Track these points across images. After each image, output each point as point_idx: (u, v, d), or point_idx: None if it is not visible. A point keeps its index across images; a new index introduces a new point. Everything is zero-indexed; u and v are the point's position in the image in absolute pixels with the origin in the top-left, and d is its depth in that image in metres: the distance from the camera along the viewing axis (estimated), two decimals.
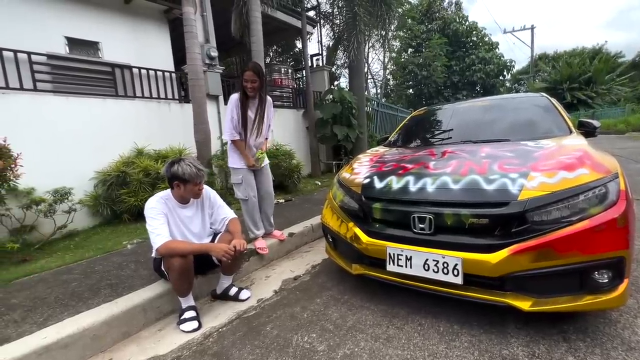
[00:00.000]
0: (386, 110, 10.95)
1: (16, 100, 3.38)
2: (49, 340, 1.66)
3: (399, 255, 1.80)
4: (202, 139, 4.34)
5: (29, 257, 2.93)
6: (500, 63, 21.31)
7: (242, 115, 2.62)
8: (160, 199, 2.05)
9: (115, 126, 4.12)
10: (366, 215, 2.04)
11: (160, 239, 1.88)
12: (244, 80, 2.55)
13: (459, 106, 3.35)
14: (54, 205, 3.28)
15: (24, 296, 2.19)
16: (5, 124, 3.25)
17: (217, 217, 2.29)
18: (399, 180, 2.01)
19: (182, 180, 1.98)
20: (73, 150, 3.75)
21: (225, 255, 1.92)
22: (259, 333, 1.88)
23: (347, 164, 2.81)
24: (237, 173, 2.73)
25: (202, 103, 4.31)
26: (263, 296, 2.33)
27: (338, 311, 2.04)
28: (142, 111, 4.42)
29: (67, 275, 2.52)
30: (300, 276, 2.64)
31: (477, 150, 2.20)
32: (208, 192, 2.27)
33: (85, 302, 2.04)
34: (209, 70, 5.01)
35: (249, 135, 2.69)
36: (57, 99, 3.69)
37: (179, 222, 2.11)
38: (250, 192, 2.75)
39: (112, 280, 2.34)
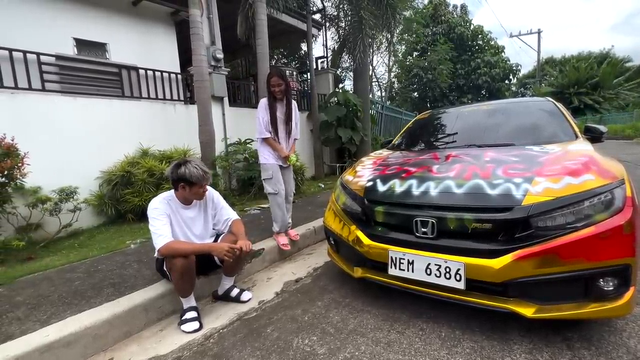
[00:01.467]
0: (390, 113, 10.94)
1: (25, 100, 3.43)
2: (51, 338, 1.67)
3: (400, 259, 1.79)
4: (206, 140, 4.37)
5: (34, 255, 2.96)
6: (506, 67, 21.21)
7: (272, 116, 2.82)
8: (163, 200, 2.06)
9: (120, 126, 4.16)
10: (368, 219, 2.03)
11: (162, 240, 1.89)
12: (270, 86, 2.79)
13: (464, 110, 3.33)
14: (60, 204, 3.32)
15: (28, 294, 2.21)
16: (14, 124, 3.30)
17: (220, 218, 2.30)
18: (402, 183, 2.01)
19: (188, 183, 1.99)
20: (79, 149, 3.79)
21: (227, 254, 1.92)
22: (259, 335, 1.87)
23: (351, 167, 2.81)
24: (268, 169, 2.91)
25: (207, 104, 4.34)
26: (264, 298, 2.33)
27: (339, 314, 2.03)
28: (147, 112, 4.47)
29: (70, 273, 2.54)
30: (301, 278, 2.63)
31: (481, 154, 2.18)
32: (211, 193, 2.28)
33: (88, 300, 2.05)
34: (214, 72, 5.05)
35: (279, 135, 2.90)
36: (64, 99, 3.74)
37: (181, 223, 2.12)
38: (279, 187, 2.93)
39: (114, 280, 2.36)
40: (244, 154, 5.13)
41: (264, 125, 2.85)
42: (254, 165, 5.02)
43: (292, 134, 3.04)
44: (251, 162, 5.16)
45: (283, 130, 2.96)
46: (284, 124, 2.95)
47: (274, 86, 2.79)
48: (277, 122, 2.88)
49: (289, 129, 2.98)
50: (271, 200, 3.01)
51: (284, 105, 2.92)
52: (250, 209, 4.43)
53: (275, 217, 3.02)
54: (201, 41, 4.19)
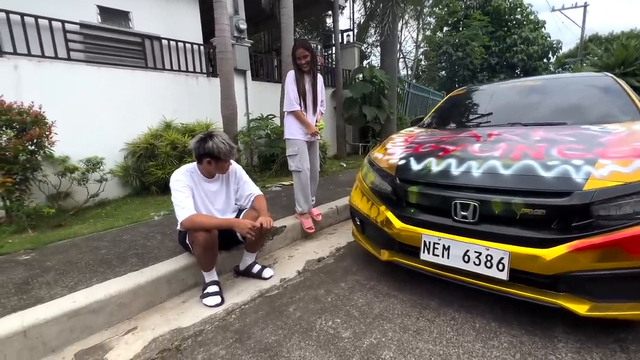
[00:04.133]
0: (417, 92, 10.42)
1: (50, 69, 3.43)
2: (79, 304, 1.68)
3: (435, 244, 1.66)
4: (229, 114, 4.28)
5: (64, 222, 3.04)
6: (545, 44, 19.58)
7: (299, 89, 2.72)
8: (186, 172, 2.00)
9: (144, 98, 4.14)
10: (400, 199, 1.89)
11: (185, 212, 1.84)
12: (297, 58, 2.68)
13: (504, 86, 3.05)
14: (87, 173, 3.37)
15: (57, 260, 2.25)
16: (40, 93, 3.32)
17: (242, 193, 2.23)
18: (439, 162, 1.84)
19: (215, 158, 1.92)
20: (104, 120, 3.81)
21: (249, 232, 1.86)
22: (281, 313, 1.82)
23: (379, 144, 2.64)
24: (293, 144, 2.80)
25: (229, 77, 4.22)
26: (286, 276, 2.28)
27: (364, 297, 1.95)
28: (170, 84, 4.41)
29: (97, 242, 2.58)
30: (324, 258, 2.56)
31: (529, 133, 1.96)
32: (234, 167, 2.20)
33: (113, 269, 2.07)
34: (237, 43, 4.88)
35: (307, 109, 2.81)
36: (89, 68, 3.72)
37: (203, 197, 2.07)
38: (304, 164, 2.82)
39: (138, 250, 2.37)
40: (266, 130, 5.03)
41: (294, 97, 2.73)
42: (276, 142, 4.92)
43: (318, 108, 2.93)
44: (273, 139, 5.06)
45: (310, 104, 2.85)
46: (312, 98, 2.85)
47: (299, 58, 2.68)
48: (305, 95, 2.79)
49: (315, 103, 2.88)
50: (295, 178, 2.92)
51: (311, 77, 2.82)
52: (272, 186, 4.37)
53: (298, 196, 2.93)
54: (224, 9, 4.01)
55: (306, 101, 2.81)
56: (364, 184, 2.25)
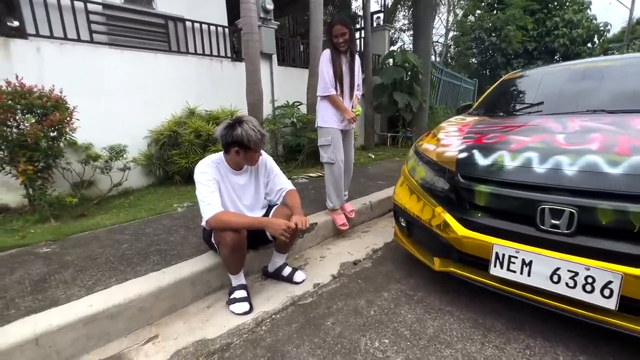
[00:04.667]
0: (449, 79, 9.77)
1: (73, 52, 3.29)
2: (95, 309, 1.51)
3: (511, 257, 1.34)
4: (254, 100, 4.04)
5: (87, 212, 2.93)
6: (590, 27, 17.96)
7: (335, 71, 2.45)
8: (212, 163, 1.77)
9: (167, 83, 3.96)
10: (461, 200, 1.58)
11: (211, 209, 1.61)
12: (333, 37, 2.42)
13: (570, 67, 2.61)
14: (110, 162, 3.24)
15: (77, 254, 2.12)
16: (62, 76, 3.19)
17: (273, 187, 1.99)
18: (514, 156, 1.50)
19: (244, 147, 1.68)
20: (127, 106, 3.66)
21: (283, 233, 1.61)
22: (318, 328, 1.58)
23: (427, 134, 2.31)
24: (327, 133, 2.54)
25: (255, 61, 3.96)
26: (320, 281, 2.04)
27: (412, 312, 1.68)
28: (194, 68, 4.20)
29: (119, 235, 2.44)
30: (360, 261, 2.30)
31: (627, 122, 1.58)
32: (264, 158, 1.96)
33: (134, 267, 1.90)
34: (263, 25, 4.59)
35: (343, 93, 2.55)
36: (112, 51, 3.56)
37: (230, 191, 1.84)
38: (338, 156, 2.56)
39: (161, 246, 2.20)
40: (292, 118, 4.77)
41: (329, 79, 2.44)
42: (302, 131, 4.65)
43: (355, 92, 2.64)
44: (299, 128, 4.80)
45: (347, 88, 2.56)
46: (348, 80, 2.56)
47: (337, 36, 2.40)
48: (342, 78, 2.49)
49: (352, 86, 2.59)
50: (327, 171, 2.65)
51: (348, 58, 2.53)
52: (298, 177, 4.13)
53: (330, 190, 2.67)
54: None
55: (342, 84, 2.52)
56: (412, 180, 1.94)
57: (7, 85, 2.33)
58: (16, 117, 2.37)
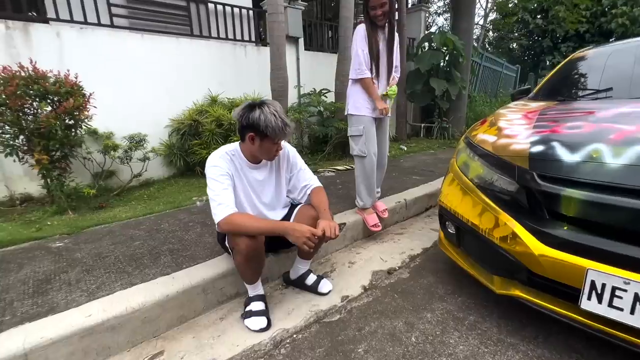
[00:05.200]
0: (490, 65, 8.95)
1: (93, 37, 3.16)
2: (94, 319, 1.33)
3: (616, 290, 0.98)
4: (279, 87, 3.77)
5: (105, 203, 2.83)
6: None
7: (371, 49, 2.11)
8: (225, 155, 1.51)
9: (189, 69, 3.78)
10: (537, 206, 1.22)
11: (223, 210, 1.36)
12: (370, 8, 2.07)
13: None
14: (129, 152, 3.12)
15: (88, 250, 1.98)
16: (82, 62, 3.08)
17: (296, 184, 1.71)
18: (617, 151, 1.11)
19: (260, 134, 1.40)
20: (148, 94, 3.52)
21: (306, 242, 1.34)
22: (347, 356, 1.31)
23: (482, 123, 1.92)
24: (359, 122, 2.22)
25: (280, 44, 3.67)
26: (349, 293, 1.76)
27: (465, 342, 1.35)
28: (216, 53, 3.99)
29: (133, 230, 2.29)
30: (395, 269, 1.99)
31: None
32: (286, 150, 1.68)
33: (142, 270, 1.71)
34: (289, 6, 4.28)
35: (380, 75, 2.22)
36: (133, 36, 3.41)
37: (247, 187, 1.58)
38: (370, 148, 2.25)
39: (174, 245, 2.01)
40: (319, 107, 4.45)
41: (364, 59, 2.11)
42: (330, 121, 4.33)
43: (393, 74, 2.28)
44: (326, 117, 4.48)
45: (384, 69, 2.22)
46: (386, 61, 2.21)
47: (374, 7, 2.06)
48: (379, 57, 2.15)
49: (390, 68, 2.24)
50: (358, 165, 2.34)
51: (386, 35, 2.18)
52: (324, 170, 3.84)
53: (360, 187, 2.36)
54: None
55: (379, 65, 2.18)
56: (464, 179, 1.59)
57: (20, 69, 2.21)
58: (32, 104, 2.25)
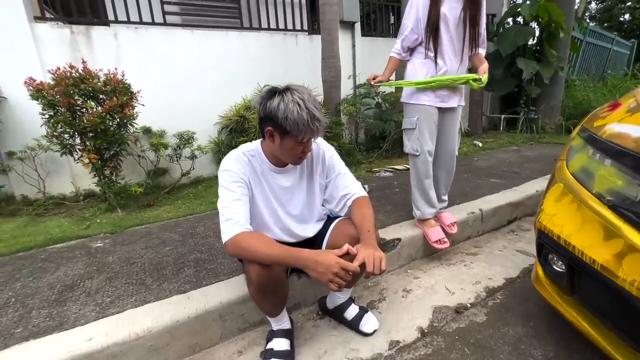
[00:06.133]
0: (595, 41, 7.24)
1: (147, 35, 3.20)
2: (93, 345, 1.17)
3: None
4: (331, 77, 3.42)
5: (153, 202, 2.83)
6: None
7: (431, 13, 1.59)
8: (242, 156, 1.19)
9: (238, 64, 3.65)
10: None
11: (230, 228, 1.04)
12: None
13: None
14: (178, 149, 3.09)
15: (121, 254, 1.90)
16: (136, 60, 3.15)
17: (334, 192, 1.32)
18: None
19: (280, 128, 1.05)
20: (198, 90, 3.48)
21: (334, 279, 0.95)
22: None
23: (610, 108, 1.28)
24: (413, 112, 1.77)
25: (332, 29, 3.31)
26: (400, 337, 1.34)
27: None
28: (266, 45, 3.79)
29: (169, 233, 2.18)
30: (466, 307, 1.49)
31: None
32: (321, 150, 1.30)
33: (161, 284, 1.53)
34: None
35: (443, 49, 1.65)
36: (183, 32, 3.38)
37: (268, 195, 1.24)
38: (424, 145, 1.77)
39: (202, 254, 1.82)
40: (377, 99, 3.98)
41: (407, 34, 1.68)
42: (389, 114, 3.82)
43: (477, 49, 1.74)
44: (385, 110, 3.98)
45: (456, 40, 1.67)
46: (457, 28, 1.65)
47: None
48: (439, 24, 1.61)
49: (474, 39, 1.68)
50: (411, 165, 1.89)
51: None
52: (380, 170, 3.38)
53: (415, 195, 1.89)
54: None
55: (439, 33, 1.61)
56: (585, 193, 1.03)
57: (70, 69, 2.25)
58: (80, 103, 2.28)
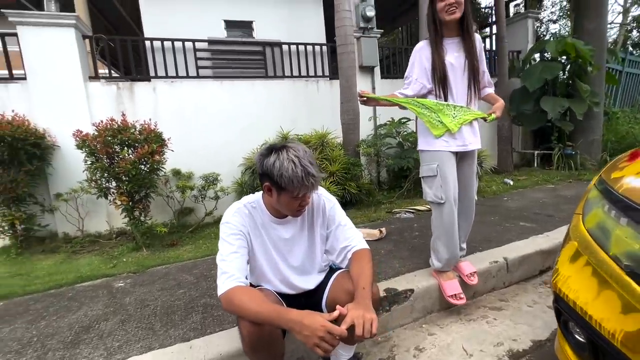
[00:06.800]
0: (636, 71, 6.84)
1: (181, 88, 3.57)
2: None
3: None
4: (349, 120, 3.51)
5: (177, 241, 2.95)
6: None
7: (434, 63, 1.65)
8: (243, 208, 1.24)
9: (262, 109, 3.91)
10: None
11: (224, 282, 1.06)
12: (435, 2, 1.60)
13: None
14: (203, 190, 3.27)
15: (137, 295, 1.98)
16: (170, 110, 3.48)
17: (334, 244, 1.31)
18: None
19: (276, 185, 1.09)
20: (225, 134, 3.75)
21: (320, 344, 0.91)
22: None
23: (629, 157, 1.19)
24: (431, 159, 1.72)
25: (350, 75, 3.46)
26: None
27: None
28: (289, 91, 4.04)
29: (185, 274, 2.24)
30: None
31: None
32: (322, 201, 1.31)
33: (168, 330, 1.56)
34: (363, 35, 4.07)
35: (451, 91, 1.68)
36: (213, 83, 3.73)
37: (268, 247, 1.26)
38: (449, 192, 1.69)
39: (210, 299, 1.85)
40: (397, 138, 3.98)
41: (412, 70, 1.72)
42: (410, 152, 3.80)
43: (485, 88, 1.80)
44: (406, 148, 3.97)
45: (461, 84, 1.69)
46: (462, 75, 1.68)
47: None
48: (446, 71, 1.65)
49: (475, 77, 1.70)
50: (435, 213, 1.79)
51: (460, 43, 1.67)
52: (401, 211, 3.29)
53: (436, 243, 1.79)
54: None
55: (446, 78, 1.64)
56: (601, 255, 0.94)
57: (111, 122, 2.53)
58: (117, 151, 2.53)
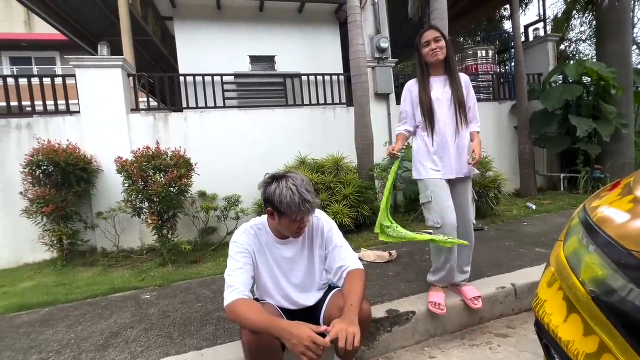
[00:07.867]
0: None
1: (209, 117, 3.94)
2: None
3: None
4: (363, 145, 3.67)
5: (200, 258, 3.16)
6: None
7: (422, 97, 1.82)
8: (250, 229, 1.42)
9: (282, 136, 4.18)
10: None
11: (229, 295, 1.23)
12: (422, 46, 1.81)
13: None
14: (225, 211, 3.50)
15: (161, 307, 2.18)
16: (199, 137, 3.82)
17: (331, 264, 1.44)
18: None
19: (277, 210, 1.27)
20: (246, 160, 4.03)
21: (306, 353, 1.03)
22: None
23: (613, 186, 1.23)
24: (425, 187, 1.86)
25: (364, 104, 3.65)
26: None
27: None
28: (307, 119, 4.30)
29: (204, 289, 2.43)
30: None
31: None
32: (321, 223, 1.46)
33: (184, 339, 1.72)
34: (378, 65, 4.29)
35: (439, 128, 1.81)
36: (238, 113, 4.08)
37: (272, 265, 1.41)
38: (446, 217, 1.77)
39: (223, 313, 1.98)
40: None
41: (405, 116, 1.92)
42: None
43: (470, 125, 1.88)
44: None
45: (448, 120, 1.81)
46: (449, 109, 1.82)
47: (427, 43, 1.77)
48: (432, 106, 1.80)
49: (462, 113, 1.82)
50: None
51: (446, 79, 1.84)
52: None
53: (437, 261, 1.88)
54: (359, 29, 3.55)
55: (433, 114, 1.79)
56: (572, 280, 0.99)
57: (146, 150, 2.87)
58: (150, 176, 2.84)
